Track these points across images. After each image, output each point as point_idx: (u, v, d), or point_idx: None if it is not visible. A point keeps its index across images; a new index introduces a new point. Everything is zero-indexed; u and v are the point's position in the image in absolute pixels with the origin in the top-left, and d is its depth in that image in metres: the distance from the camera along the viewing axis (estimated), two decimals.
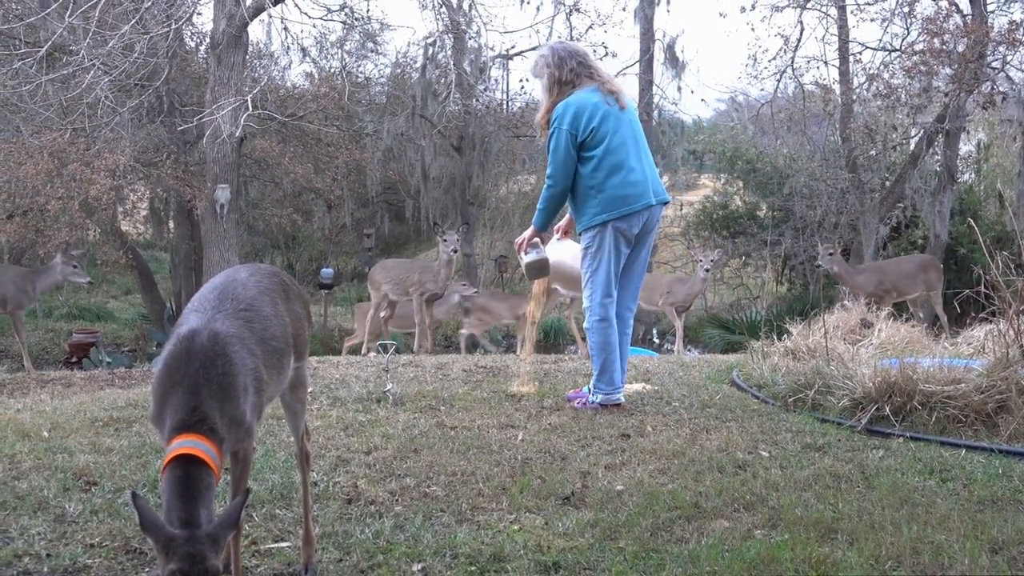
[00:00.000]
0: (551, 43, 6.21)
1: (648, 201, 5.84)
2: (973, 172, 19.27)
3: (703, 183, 24.45)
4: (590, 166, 5.75)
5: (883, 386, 5.40)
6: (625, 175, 5.77)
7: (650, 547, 3.53)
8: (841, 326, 7.42)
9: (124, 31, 11.93)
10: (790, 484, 4.29)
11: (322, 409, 5.79)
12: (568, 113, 5.70)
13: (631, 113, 5.94)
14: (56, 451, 4.72)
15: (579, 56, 5.92)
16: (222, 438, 2.68)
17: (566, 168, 5.75)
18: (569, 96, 5.78)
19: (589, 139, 5.71)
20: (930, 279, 13.45)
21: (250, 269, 3.29)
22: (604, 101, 5.76)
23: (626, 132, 5.82)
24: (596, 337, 5.93)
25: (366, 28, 18.01)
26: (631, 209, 5.78)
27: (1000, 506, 4.01)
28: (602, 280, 5.87)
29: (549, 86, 5.87)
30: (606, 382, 5.92)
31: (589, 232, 5.87)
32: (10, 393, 7.14)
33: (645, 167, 5.90)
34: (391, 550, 3.48)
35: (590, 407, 5.90)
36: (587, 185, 5.78)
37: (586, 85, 5.82)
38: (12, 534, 3.59)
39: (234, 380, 2.76)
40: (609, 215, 5.76)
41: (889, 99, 15.34)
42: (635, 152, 5.85)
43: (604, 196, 5.76)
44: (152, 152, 15.18)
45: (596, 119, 5.70)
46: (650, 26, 18.30)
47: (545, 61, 5.88)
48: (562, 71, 5.81)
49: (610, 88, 5.86)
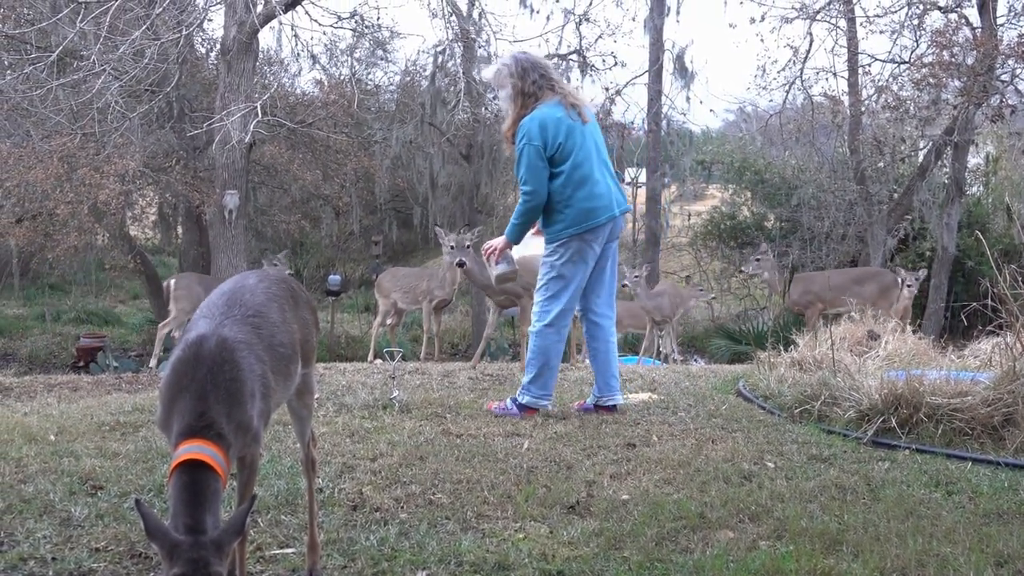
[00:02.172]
0: (513, 53, 6.19)
1: (612, 213, 5.90)
2: (981, 185, 19.24)
3: (711, 193, 24.47)
4: (558, 181, 5.78)
5: (889, 398, 5.39)
6: (591, 188, 5.81)
7: (655, 557, 3.53)
8: (848, 338, 7.41)
9: (135, 37, 11.98)
10: (796, 495, 4.29)
11: (328, 416, 5.80)
12: (535, 128, 5.72)
13: (593, 126, 5.98)
14: (62, 455, 4.73)
15: (541, 68, 5.91)
16: (229, 444, 2.68)
17: (542, 182, 5.78)
18: (534, 110, 5.79)
19: (557, 154, 5.74)
20: (866, 292, 12.61)
21: (259, 275, 3.30)
22: (568, 115, 5.79)
23: (590, 145, 5.86)
24: (539, 341, 5.96)
25: (376, 36, 18.05)
26: (598, 222, 5.83)
27: (1006, 519, 4.00)
28: (562, 291, 5.91)
29: (513, 96, 5.87)
30: (539, 386, 5.96)
31: (554, 244, 5.91)
32: (17, 397, 7.17)
33: (608, 179, 5.96)
34: (396, 557, 3.49)
35: (507, 412, 5.92)
36: (555, 200, 5.82)
37: (549, 98, 5.83)
38: (18, 537, 3.60)
39: (242, 386, 2.76)
40: (577, 229, 5.81)
41: (898, 111, 15.32)
42: (598, 165, 5.90)
43: (572, 210, 5.80)
44: (161, 157, 15.24)
45: (562, 134, 5.73)
46: (659, 36, 18.31)
47: (508, 71, 5.87)
48: (525, 82, 5.82)
49: (572, 101, 5.87)
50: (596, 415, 6.00)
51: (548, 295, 5.94)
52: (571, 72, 17.70)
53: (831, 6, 16.08)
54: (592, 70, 17.34)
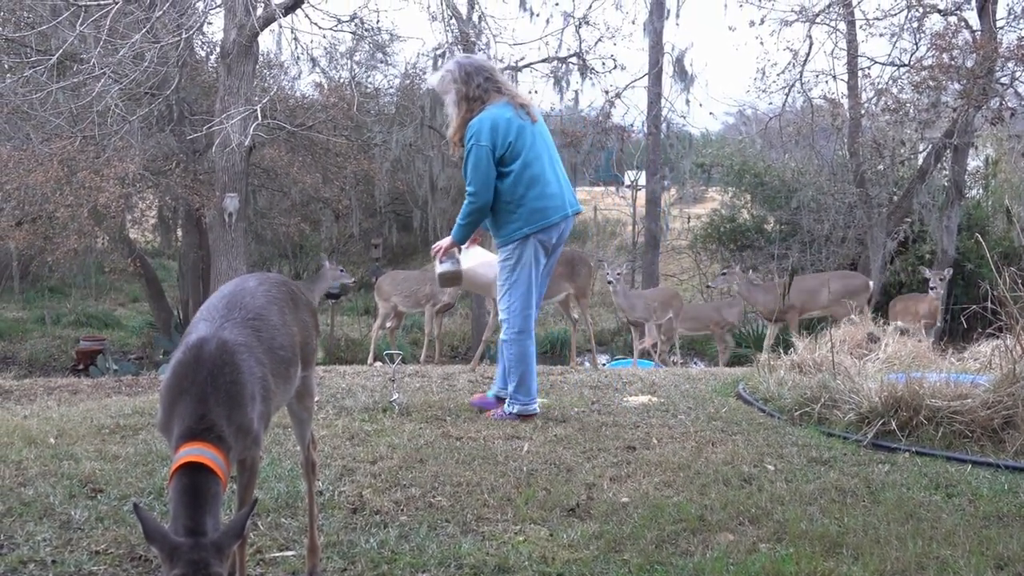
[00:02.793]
0: (456, 58, 6.19)
1: (565, 212, 5.91)
2: (981, 187, 19.26)
3: (711, 196, 24.50)
4: (508, 181, 5.78)
5: (889, 401, 5.39)
6: (543, 188, 5.82)
7: (655, 560, 3.53)
8: (848, 340, 7.41)
9: (135, 40, 11.98)
10: (795, 498, 4.29)
11: (328, 418, 5.80)
12: (485, 129, 5.71)
13: (542, 126, 5.99)
14: (62, 458, 4.73)
15: (486, 71, 5.91)
16: (229, 446, 2.68)
17: (487, 183, 5.76)
18: (482, 112, 5.79)
19: (507, 154, 5.74)
20: (835, 291, 12.71)
21: (259, 278, 3.30)
22: (517, 115, 5.79)
23: (540, 145, 5.87)
24: (515, 349, 5.95)
25: (376, 39, 18.08)
26: (550, 221, 5.84)
27: (1006, 522, 4.00)
28: (523, 292, 5.90)
29: (457, 102, 5.86)
30: (523, 393, 5.95)
31: (509, 245, 5.88)
32: (17, 400, 7.17)
33: (560, 178, 5.97)
34: (396, 560, 3.49)
35: (506, 418, 5.91)
36: (506, 200, 5.81)
37: (496, 100, 5.83)
38: (18, 540, 3.60)
39: (242, 388, 2.76)
40: (530, 228, 5.81)
41: (897, 114, 15.34)
42: (550, 164, 5.91)
43: (524, 210, 5.80)
44: (161, 160, 15.25)
45: (512, 134, 5.73)
46: (659, 39, 18.34)
47: (452, 76, 5.86)
48: (469, 86, 5.81)
49: (520, 102, 5.88)
50: (596, 417, 6.01)
51: (512, 300, 5.94)
52: (571, 75, 17.74)
53: (831, 9, 16.11)
54: (592, 73, 17.36)
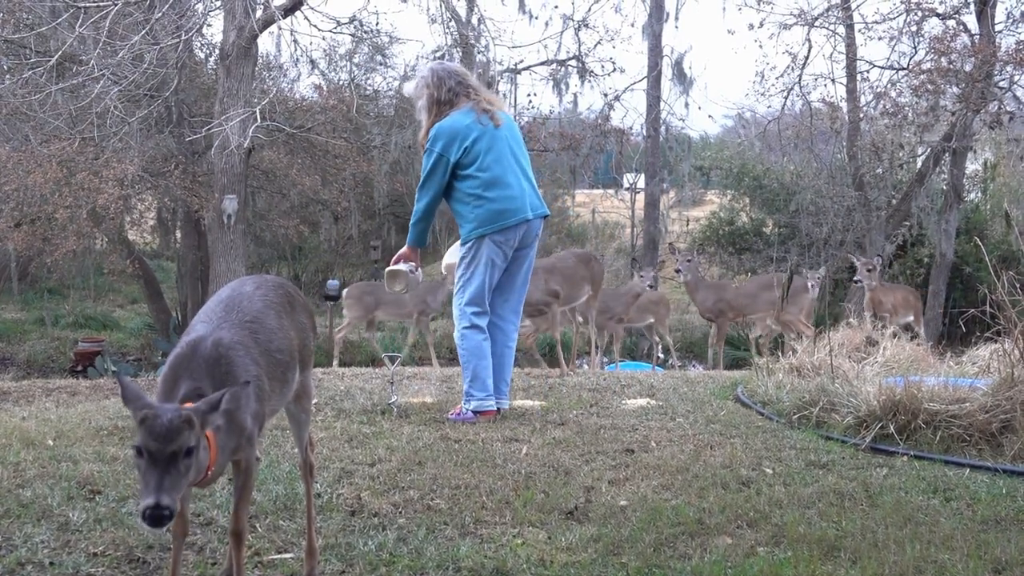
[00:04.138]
0: (431, 64, 6.37)
1: (525, 215, 5.97)
2: (979, 191, 19.29)
3: (710, 199, 24.53)
4: (468, 183, 5.91)
5: (888, 404, 5.40)
6: (502, 190, 5.91)
7: (653, 563, 3.52)
8: (846, 344, 7.41)
9: (134, 41, 11.99)
10: (794, 501, 4.28)
11: (327, 420, 5.80)
12: (441, 138, 5.86)
13: (507, 129, 6.05)
14: (60, 460, 4.73)
15: (458, 76, 6.04)
16: (219, 427, 2.72)
17: (434, 188, 5.95)
18: (444, 118, 5.91)
19: (463, 158, 5.87)
20: (776, 297, 12.45)
21: (256, 282, 3.31)
22: (477, 121, 5.89)
23: (502, 148, 5.95)
24: (466, 344, 6.04)
25: (375, 41, 18.07)
26: (507, 223, 5.92)
27: (1004, 526, 4.00)
28: (474, 291, 6.01)
29: (428, 106, 6.00)
30: (479, 388, 5.98)
31: (467, 244, 6.01)
32: (15, 401, 7.16)
33: (523, 182, 6.03)
34: (394, 563, 3.48)
35: (464, 419, 5.91)
36: (466, 200, 5.94)
37: (462, 105, 5.94)
38: (16, 542, 3.59)
39: (236, 382, 2.80)
40: (486, 229, 5.91)
41: (896, 117, 15.36)
42: (512, 168, 5.98)
43: (482, 211, 5.90)
44: (160, 162, 15.24)
45: (468, 140, 5.85)
46: (658, 42, 18.36)
47: (425, 82, 6.01)
48: (440, 91, 5.95)
49: (485, 107, 5.96)
50: (594, 419, 6.01)
51: (465, 297, 6.04)
52: (570, 78, 17.75)
53: (830, 12, 16.13)
54: (591, 76, 17.38)
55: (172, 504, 2.43)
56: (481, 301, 6.03)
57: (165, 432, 2.47)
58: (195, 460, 2.54)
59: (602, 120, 18.23)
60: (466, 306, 6.03)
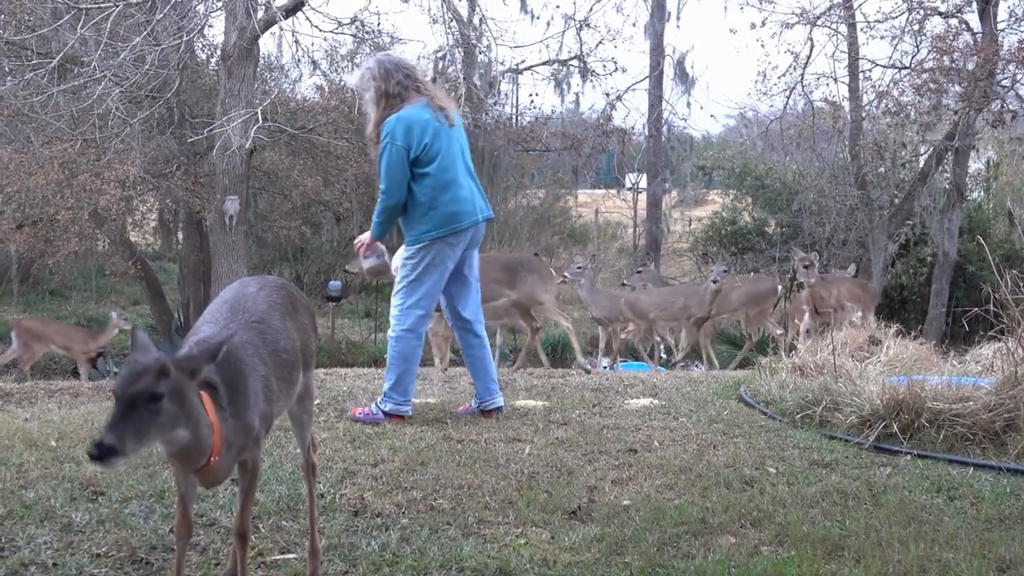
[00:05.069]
0: (377, 56, 6.20)
1: (475, 218, 5.91)
2: (982, 190, 19.28)
3: (712, 199, 24.52)
4: (423, 183, 5.77)
5: (891, 403, 5.39)
6: (455, 192, 5.82)
7: (656, 562, 3.52)
8: (849, 343, 7.40)
9: (135, 43, 12.00)
10: (797, 501, 4.28)
11: (329, 421, 5.80)
12: (400, 129, 5.70)
13: (459, 130, 5.98)
14: (63, 461, 4.73)
15: (406, 69, 5.89)
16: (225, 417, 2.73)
17: (400, 182, 5.75)
18: (400, 110, 5.76)
19: (423, 155, 5.73)
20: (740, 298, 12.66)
21: (259, 283, 3.32)
22: (435, 118, 5.78)
23: (456, 149, 5.87)
24: (400, 347, 5.92)
25: (377, 41, 18.02)
26: (460, 226, 5.83)
27: (1008, 525, 3.99)
28: (423, 294, 5.89)
29: (376, 99, 5.84)
30: (399, 392, 5.90)
31: (416, 246, 5.87)
32: (18, 402, 7.16)
33: (472, 184, 5.97)
34: (397, 563, 3.48)
35: (373, 418, 5.83)
36: (418, 202, 5.80)
37: (415, 100, 5.80)
38: (19, 543, 3.59)
39: (244, 379, 2.83)
40: (439, 232, 5.79)
41: (898, 116, 15.34)
42: (463, 169, 5.91)
43: (435, 213, 5.78)
44: (162, 163, 15.22)
45: (428, 135, 5.72)
46: (660, 42, 18.37)
47: (371, 74, 5.84)
48: (388, 83, 5.78)
49: (439, 104, 5.87)
50: (597, 419, 6.00)
51: (407, 299, 5.91)
52: (572, 78, 17.75)
53: (832, 11, 16.10)
54: (593, 76, 17.37)
55: (116, 445, 2.37)
56: (429, 304, 5.94)
57: (130, 374, 2.45)
58: (165, 411, 2.48)
59: (604, 120, 18.22)
60: (411, 308, 5.89)
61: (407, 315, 5.90)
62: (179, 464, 2.76)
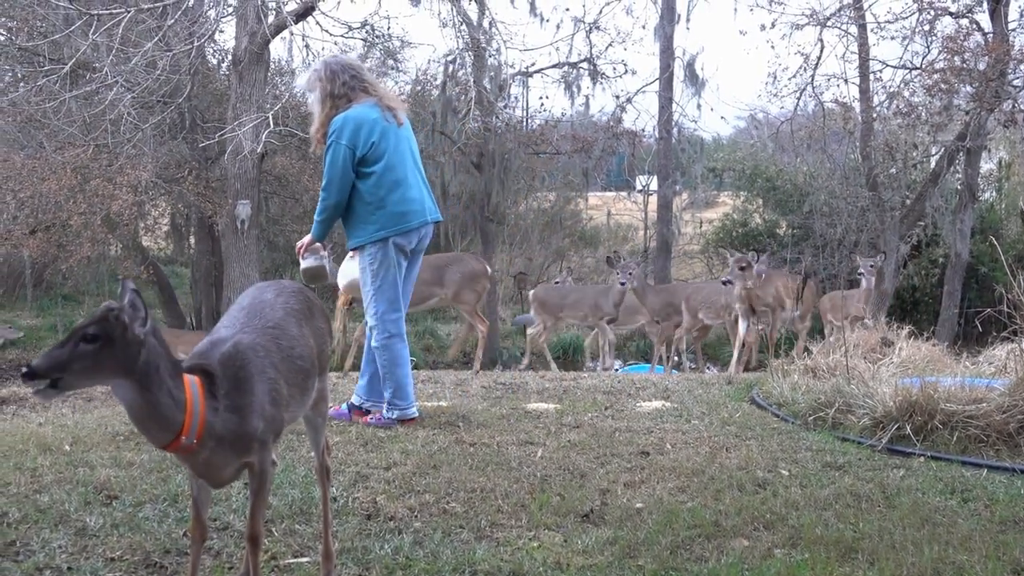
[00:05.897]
0: (324, 57, 6.22)
1: (424, 219, 5.88)
2: (994, 190, 19.20)
3: (723, 201, 24.47)
4: (370, 182, 5.73)
5: (904, 405, 5.38)
6: (404, 191, 5.79)
7: (669, 565, 3.52)
8: (861, 345, 7.39)
9: (147, 48, 12.04)
10: (810, 503, 4.28)
11: (342, 424, 5.81)
12: (347, 128, 5.66)
13: (408, 130, 5.96)
14: (77, 465, 4.75)
15: (352, 70, 5.87)
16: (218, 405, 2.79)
17: (343, 182, 5.71)
18: (347, 110, 5.74)
19: (370, 154, 5.70)
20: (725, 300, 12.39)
21: (276, 289, 3.33)
22: (383, 117, 5.75)
23: (404, 149, 5.84)
24: (387, 354, 5.90)
25: (387, 46, 18.09)
26: (410, 226, 5.81)
27: (1022, 527, 3.98)
28: (389, 296, 5.86)
29: (322, 99, 5.80)
30: (401, 398, 5.90)
31: (370, 248, 5.83)
32: (32, 407, 7.19)
33: (422, 184, 5.96)
34: (410, 566, 3.49)
35: (385, 423, 5.84)
36: (366, 201, 5.76)
37: (363, 100, 5.77)
38: (33, 547, 3.61)
39: (248, 379, 2.86)
40: (389, 231, 5.76)
41: (909, 117, 15.29)
42: (412, 169, 5.89)
43: (384, 212, 5.76)
44: (174, 168, 15.27)
45: (376, 134, 5.69)
46: (670, 44, 18.34)
47: (318, 75, 5.83)
48: (334, 84, 5.76)
49: (388, 104, 5.85)
50: (609, 422, 6.00)
51: (379, 306, 5.88)
52: (582, 80, 17.74)
53: (842, 12, 16.07)
54: (603, 78, 17.37)
55: (39, 367, 2.50)
56: (398, 305, 5.90)
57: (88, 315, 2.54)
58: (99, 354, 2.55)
59: (614, 122, 18.21)
60: (386, 314, 5.87)
61: (385, 322, 5.88)
62: (141, 434, 2.81)
